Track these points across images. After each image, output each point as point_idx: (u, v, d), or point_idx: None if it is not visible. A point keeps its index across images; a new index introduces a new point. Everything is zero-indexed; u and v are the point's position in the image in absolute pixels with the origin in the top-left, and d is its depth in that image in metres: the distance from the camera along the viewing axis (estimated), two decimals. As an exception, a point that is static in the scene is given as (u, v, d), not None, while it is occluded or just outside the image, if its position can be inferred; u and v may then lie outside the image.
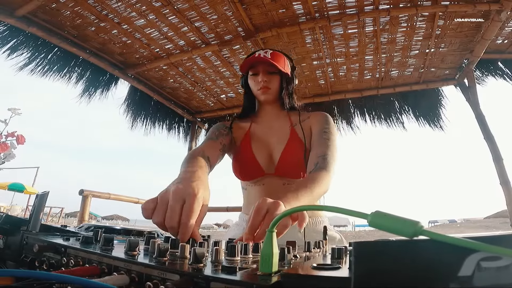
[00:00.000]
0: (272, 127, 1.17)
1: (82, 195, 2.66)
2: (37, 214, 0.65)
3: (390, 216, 0.26)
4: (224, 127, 1.17)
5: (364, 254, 0.23)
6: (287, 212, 0.35)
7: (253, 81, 1.15)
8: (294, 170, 1.07)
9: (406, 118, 3.36)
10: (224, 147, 1.09)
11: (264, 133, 1.17)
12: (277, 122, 1.18)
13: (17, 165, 7.73)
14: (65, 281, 0.32)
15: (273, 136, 1.14)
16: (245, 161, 1.12)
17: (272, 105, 1.19)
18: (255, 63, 1.13)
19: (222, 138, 1.10)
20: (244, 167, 1.12)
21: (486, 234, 0.24)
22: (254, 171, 1.10)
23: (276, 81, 1.14)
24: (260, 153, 1.11)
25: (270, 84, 1.12)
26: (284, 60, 1.15)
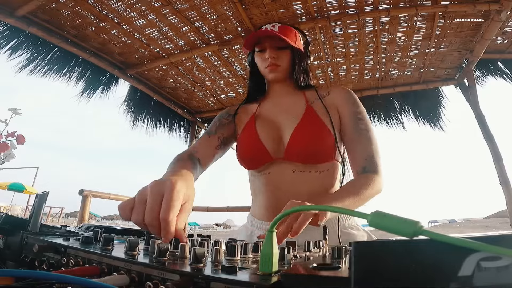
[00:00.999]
0: (282, 105, 1.01)
1: (82, 195, 2.66)
2: (37, 214, 0.65)
3: (390, 216, 0.26)
4: (227, 115, 1.06)
5: (364, 254, 0.23)
6: (287, 212, 0.35)
7: (259, 58, 1.01)
8: (308, 153, 0.90)
9: (406, 118, 3.37)
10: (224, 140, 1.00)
11: (273, 113, 1.01)
12: (288, 99, 1.02)
13: (17, 165, 7.74)
14: (65, 281, 0.32)
15: (283, 115, 0.98)
16: (248, 145, 0.96)
17: (283, 84, 1.04)
18: (261, 38, 0.98)
19: (222, 130, 1.01)
20: (248, 152, 0.96)
21: (486, 234, 0.24)
22: (260, 156, 0.93)
23: (286, 57, 0.99)
24: (266, 135, 0.95)
25: (279, 60, 0.98)
26: (295, 34, 1.01)
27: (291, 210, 0.34)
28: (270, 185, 0.94)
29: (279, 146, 0.94)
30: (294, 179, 0.91)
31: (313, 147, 0.89)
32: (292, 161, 0.91)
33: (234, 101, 3.70)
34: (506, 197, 2.51)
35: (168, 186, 0.49)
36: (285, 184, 0.92)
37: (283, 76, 1.01)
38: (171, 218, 0.46)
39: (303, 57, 1.03)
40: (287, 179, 0.92)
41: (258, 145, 0.94)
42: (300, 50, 1.01)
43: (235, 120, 1.06)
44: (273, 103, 1.04)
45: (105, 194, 2.90)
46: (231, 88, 3.41)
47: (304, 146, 0.90)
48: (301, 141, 0.90)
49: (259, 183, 0.98)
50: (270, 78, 1.02)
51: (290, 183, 0.91)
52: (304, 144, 0.90)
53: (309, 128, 0.91)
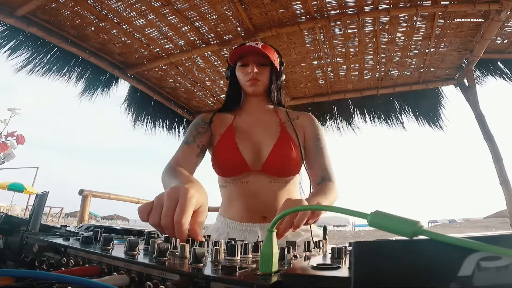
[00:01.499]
0: (258, 120, 1.12)
1: (82, 195, 2.66)
2: (37, 214, 0.65)
3: (390, 216, 0.26)
4: (203, 123, 1.11)
5: (364, 254, 0.23)
6: (287, 211, 0.35)
7: (241, 72, 1.09)
8: (282, 168, 1.03)
9: (406, 118, 3.37)
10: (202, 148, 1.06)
11: (250, 126, 1.10)
12: (264, 115, 1.13)
13: (17, 165, 7.74)
14: (65, 281, 0.32)
15: (260, 130, 1.08)
16: (227, 155, 1.03)
17: (259, 98, 1.15)
18: (246, 53, 1.08)
19: (200, 138, 1.06)
20: (227, 162, 1.04)
21: (486, 234, 0.24)
22: (238, 166, 1.02)
23: (266, 73, 1.09)
24: (245, 147, 1.04)
25: (260, 76, 1.08)
26: (274, 53, 1.11)
27: (292, 209, 0.34)
28: (249, 192, 1.04)
29: (257, 159, 1.04)
30: (270, 188, 1.04)
31: (287, 164, 1.03)
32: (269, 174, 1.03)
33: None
34: (506, 197, 2.52)
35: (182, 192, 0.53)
36: (263, 193, 1.03)
37: (261, 90, 1.11)
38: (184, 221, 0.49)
39: (279, 75, 1.15)
40: (264, 188, 1.03)
41: (238, 156, 1.02)
42: (277, 69, 1.12)
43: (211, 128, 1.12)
44: (249, 116, 1.14)
45: (105, 194, 2.90)
46: (231, 88, 3.41)
47: (281, 163, 1.03)
48: (278, 158, 1.02)
49: (235, 189, 1.07)
50: (250, 91, 1.11)
51: (267, 192, 1.03)
52: (281, 161, 1.03)
53: (285, 147, 1.04)
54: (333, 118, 3.58)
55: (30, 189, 12.05)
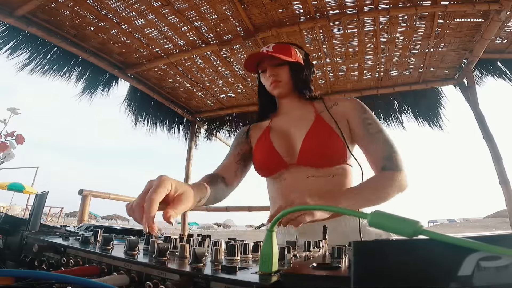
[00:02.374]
0: (293, 117, 1.07)
1: (82, 195, 2.66)
2: (36, 214, 0.65)
3: (390, 215, 0.26)
4: (242, 134, 1.14)
5: (364, 254, 0.23)
6: (285, 212, 0.35)
7: (264, 79, 1.10)
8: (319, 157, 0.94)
9: (406, 117, 3.37)
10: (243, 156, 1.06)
11: (285, 125, 1.07)
12: (298, 111, 1.08)
13: (17, 165, 7.73)
14: (65, 281, 0.32)
15: (294, 125, 1.04)
16: (264, 154, 1.03)
17: (290, 98, 1.11)
18: (259, 60, 1.08)
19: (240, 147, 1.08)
20: (263, 160, 1.03)
21: (486, 233, 0.24)
22: (274, 163, 0.99)
23: (285, 72, 1.06)
24: (279, 143, 1.01)
25: (279, 76, 1.05)
26: (290, 49, 1.07)
27: (291, 209, 0.34)
28: (286, 191, 0.99)
29: (292, 153, 0.99)
30: (309, 185, 0.95)
31: (323, 151, 0.94)
32: (306, 166, 0.96)
33: (234, 101, 3.70)
34: (506, 197, 2.52)
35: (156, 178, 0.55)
36: (300, 190, 0.96)
37: (286, 90, 1.08)
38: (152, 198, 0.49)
39: (302, 69, 1.09)
40: (302, 185, 0.96)
41: (273, 153, 0.99)
42: (299, 63, 1.07)
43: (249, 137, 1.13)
44: (284, 116, 1.10)
45: (105, 194, 2.90)
46: (230, 87, 3.41)
47: (315, 150, 0.95)
48: (312, 146, 0.95)
49: (275, 189, 1.03)
50: (275, 94, 1.09)
51: (305, 189, 0.95)
52: (315, 148, 0.95)
53: (319, 134, 0.96)
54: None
55: (29, 189, 12.04)
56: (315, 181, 0.95)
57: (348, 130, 1.00)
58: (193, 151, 4.07)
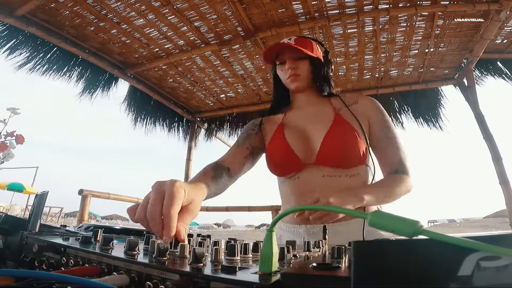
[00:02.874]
0: (309, 113, 1.04)
1: (82, 194, 2.66)
2: (36, 214, 0.65)
3: (389, 215, 0.26)
4: (253, 126, 1.10)
5: (364, 254, 0.23)
6: (287, 211, 0.35)
7: (281, 71, 1.05)
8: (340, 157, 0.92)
9: (406, 117, 3.37)
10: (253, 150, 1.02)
11: (300, 121, 1.03)
12: (315, 107, 1.05)
13: (16, 165, 7.74)
14: (65, 281, 0.32)
15: (311, 123, 1.01)
16: (279, 154, 0.99)
17: (306, 93, 1.07)
18: (280, 50, 1.04)
19: (250, 140, 1.04)
20: (280, 161, 0.99)
21: (486, 233, 0.24)
22: (292, 163, 0.96)
23: (306, 66, 1.02)
24: (296, 142, 0.97)
25: (299, 70, 1.01)
26: (312, 44, 1.04)
27: (291, 209, 0.34)
28: (301, 190, 0.96)
29: (309, 153, 0.96)
30: (324, 184, 0.93)
31: (345, 152, 0.92)
32: (323, 166, 0.94)
33: (234, 101, 3.70)
34: (506, 197, 2.52)
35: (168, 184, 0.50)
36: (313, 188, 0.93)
37: (304, 85, 1.04)
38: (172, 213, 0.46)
39: (322, 65, 1.06)
40: (317, 184, 0.93)
41: (289, 153, 0.96)
42: (319, 59, 1.04)
43: (261, 130, 1.09)
44: (300, 112, 1.07)
45: (105, 194, 2.90)
46: (230, 87, 3.41)
47: (336, 151, 0.92)
48: (333, 146, 0.92)
49: (288, 188, 1.00)
50: (293, 88, 1.05)
51: (321, 188, 0.93)
52: (336, 149, 0.92)
53: (340, 134, 0.93)
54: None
55: (29, 189, 12.04)
56: (331, 181, 0.93)
57: (368, 131, 0.99)
58: (193, 151, 4.07)
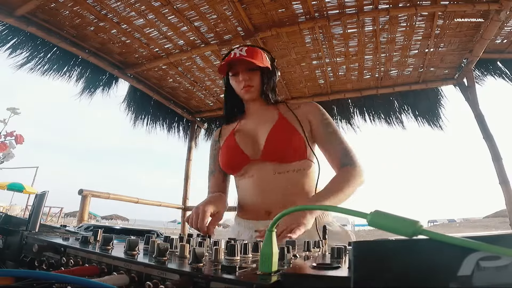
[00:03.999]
0: (259, 118, 1.13)
1: (82, 194, 2.65)
2: (36, 214, 0.65)
3: (389, 215, 0.26)
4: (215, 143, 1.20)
5: (364, 254, 0.23)
6: (286, 212, 0.35)
7: (234, 82, 1.12)
8: (283, 152, 1.01)
9: (406, 117, 3.37)
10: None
11: (250, 125, 1.13)
12: (264, 113, 1.14)
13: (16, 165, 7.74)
14: (65, 281, 0.32)
15: (259, 124, 1.10)
16: (228, 151, 1.09)
17: (258, 101, 1.16)
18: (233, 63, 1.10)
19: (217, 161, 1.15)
20: (227, 157, 1.08)
21: (485, 233, 0.24)
22: (238, 158, 1.05)
23: (257, 77, 1.10)
24: (244, 141, 1.07)
25: (252, 81, 1.09)
26: (261, 54, 1.11)
27: (291, 209, 0.34)
28: (255, 187, 1.04)
29: (256, 149, 1.05)
30: (275, 180, 1.02)
31: (286, 145, 1.01)
32: (270, 162, 1.02)
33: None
34: (506, 197, 2.52)
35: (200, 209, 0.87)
36: (269, 185, 1.02)
37: (257, 94, 1.13)
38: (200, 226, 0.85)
39: (271, 75, 1.14)
40: (269, 180, 1.02)
41: (236, 149, 1.06)
42: (268, 68, 1.12)
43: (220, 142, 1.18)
44: (250, 118, 1.16)
45: (105, 194, 2.90)
46: (230, 87, 3.41)
47: (278, 146, 1.02)
48: (275, 141, 1.02)
49: (244, 186, 1.08)
50: (247, 98, 1.13)
51: (273, 184, 1.02)
52: (277, 144, 1.02)
53: (281, 131, 1.04)
54: (333, 117, 3.57)
55: (29, 189, 12.04)
56: (281, 177, 1.01)
57: (309, 128, 1.07)
58: (193, 151, 4.08)
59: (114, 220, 32.09)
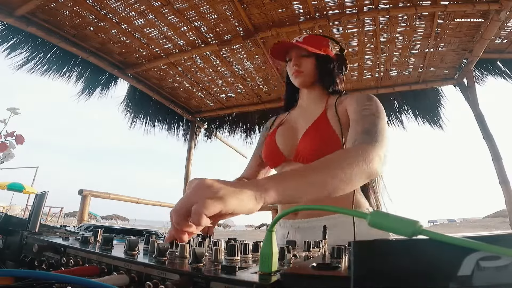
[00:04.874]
0: (305, 111, 1.07)
1: (82, 194, 2.65)
2: (36, 214, 0.65)
3: (389, 215, 0.26)
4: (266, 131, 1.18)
5: (364, 254, 0.23)
6: (286, 212, 0.34)
7: (288, 68, 1.09)
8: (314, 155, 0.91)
9: (406, 117, 3.37)
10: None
11: (295, 118, 1.08)
12: (311, 105, 1.07)
13: (16, 165, 7.74)
14: (65, 281, 0.32)
15: (302, 119, 1.04)
16: (268, 147, 1.06)
17: (310, 89, 1.08)
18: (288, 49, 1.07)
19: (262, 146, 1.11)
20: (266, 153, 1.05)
21: (485, 233, 0.24)
22: (275, 156, 1.02)
23: (310, 64, 1.04)
24: (283, 138, 1.03)
25: (302, 67, 1.03)
26: (321, 41, 1.06)
27: (290, 210, 0.34)
28: None
29: (291, 149, 0.99)
30: None
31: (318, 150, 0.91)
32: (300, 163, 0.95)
33: (234, 101, 3.69)
34: (506, 197, 2.52)
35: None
36: None
37: (308, 80, 1.05)
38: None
39: (329, 62, 1.06)
40: None
41: (274, 146, 1.03)
42: (327, 56, 1.05)
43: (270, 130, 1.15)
44: (299, 110, 1.11)
45: (105, 193, 2.90)
46: (230, 87, 3.41)
47: (311, 149, 0.93)
48: (308, 144, 0.94)
49: None
50: (297, 84, 1.07)
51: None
52: (311, 146, 0.93)
53: (317, 133, 0.95)
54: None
55: (29, 189, 12.04)
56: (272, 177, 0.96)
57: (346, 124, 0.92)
58: (193, 151, 4.07)
59: (114, 220, 32.10)
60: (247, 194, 0.45)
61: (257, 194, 0.46)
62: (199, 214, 0.39)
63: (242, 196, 0.44)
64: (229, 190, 0.43)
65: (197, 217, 0.39)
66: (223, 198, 0.41)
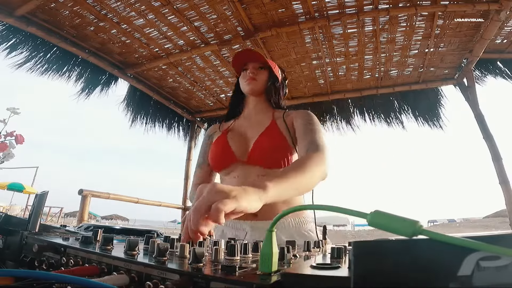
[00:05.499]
0: (253, 120, 1.16)
1: (82, 194, 2.65)
2: (36, 214, 0.65)
3: (389, 215, 0.26)
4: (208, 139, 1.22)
5: (364, 254, 0.23)
6: (286, 212, 0.35)
7: (242, 76, 1.18)
8: (268, 158, 1.01)
9: (406, 117, 3.37)
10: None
11: (243, 126, 1.16)
12: (259, 115, 1.16)
13: (16, 165, 7.74)
14: (65, 281, 0.32)
15: (251, 127, 1.13)
16: (217, 148, 1.11)
17: (257, 99, 1.18)
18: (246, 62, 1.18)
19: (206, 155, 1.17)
20: (216, 154, 1.10)
21: (485, 233, 0.24)
22: (225, 157, 1.07)
23: (263, 75, 1.16)
24: (234, 141, 1.10)
25: (257, 76, 1.14)
26: (275, 65, 1.20)
27: (291, 209, 0.34)
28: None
29: (244, 150, 1.07)
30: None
31: (273, 153, 1.02)
32: (255, 165, 1.03)
33: (234, 101, 3.69)
34: (506, 197, 2.52)
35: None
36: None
37: (259, 89, 1.15)
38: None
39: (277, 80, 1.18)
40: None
41: (226, 147, 1.08)
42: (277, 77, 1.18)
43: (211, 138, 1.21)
44: (245, 118, 1.19)
45: (105, 193, 2.90)
46: (230, 87, 3.41)
47: (265, 152, 1.03)
48: (263, 147, 1.03)
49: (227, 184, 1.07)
50: (247, 90, 1.15)
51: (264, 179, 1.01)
52: (264, 148, 1.03)
53: (270, 138, 1.05)
54: (333, 117, 3.58)
55: (29, 188, 12.04)
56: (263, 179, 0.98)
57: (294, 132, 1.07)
58: (193, 151, 4.08)
59: (114, 220, 32.10)
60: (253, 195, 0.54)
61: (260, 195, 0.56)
62: (219, 210, 0.45)
63: (250, 197, 0.52)
64: (239, 192, 0.51)
65: (217, 213, 0.45)
66: (236, 198, 0.49)
